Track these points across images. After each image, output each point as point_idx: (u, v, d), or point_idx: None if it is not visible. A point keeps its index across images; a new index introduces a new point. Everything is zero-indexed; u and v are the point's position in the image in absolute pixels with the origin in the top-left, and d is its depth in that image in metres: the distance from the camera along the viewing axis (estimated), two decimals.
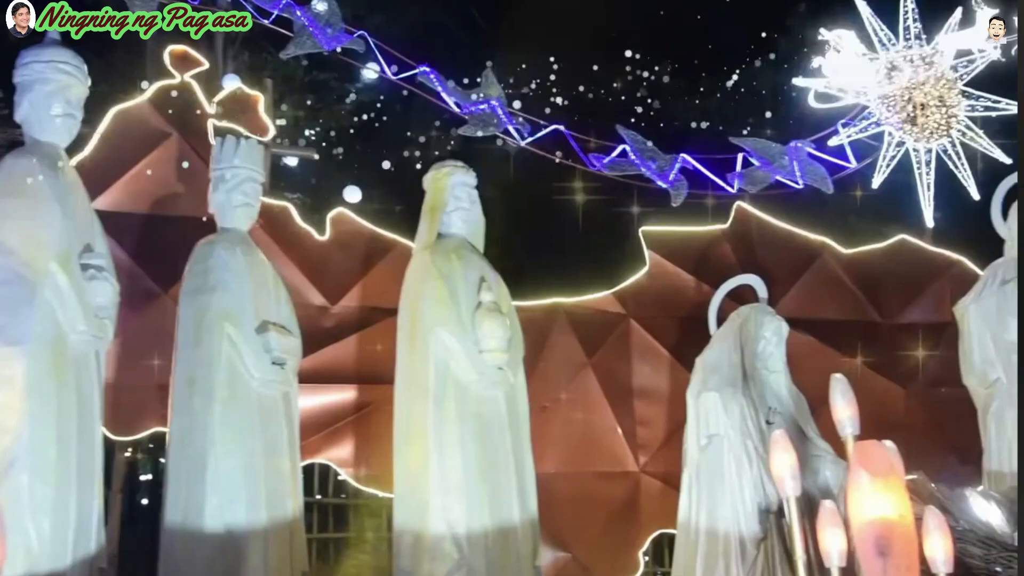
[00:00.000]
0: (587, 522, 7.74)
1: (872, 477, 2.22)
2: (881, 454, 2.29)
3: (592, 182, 8.72)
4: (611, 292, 8.23)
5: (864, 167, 8.91)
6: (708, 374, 6.70)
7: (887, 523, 2.16)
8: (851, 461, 2.40)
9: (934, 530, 3.56)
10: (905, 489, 2.40)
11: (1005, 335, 6.74)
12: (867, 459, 2.27)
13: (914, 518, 4.09)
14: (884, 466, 2.24)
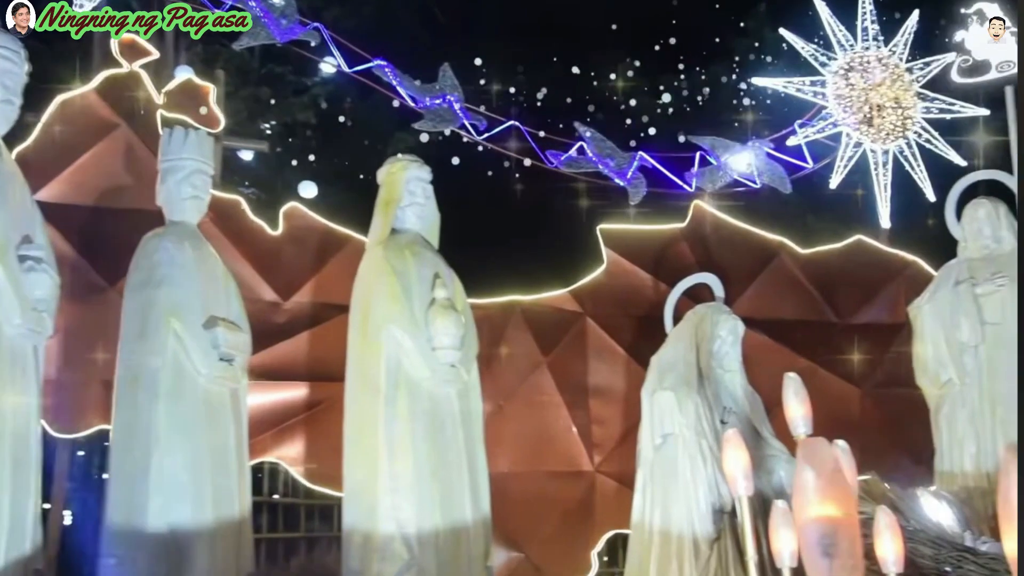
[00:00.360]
0: (541, 522, 7.67)
1: (818, 475, 2.15)
2: (827, 452, 2.23)
3: (550, 179, 8.66)
4: (568, 290, 8.18)
5: (822, 168, 8.94)
6: (663, 373, 6.62)
7: (832, 522, 2.10)
8: (797, 459, 2.34)
9: (885, 530, 3.52)
10: (850, 487, 2.34)
11: (958, 336, 6.77)
12: (813, 457, 2.20)
13: (865, 518, 4.07)
14: (830, 464, 2.18)
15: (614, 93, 10.70)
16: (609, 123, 8.76)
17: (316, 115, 10.79)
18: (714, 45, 11.45)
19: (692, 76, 11.28)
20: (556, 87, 9.49)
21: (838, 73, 8.81)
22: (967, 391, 6.73)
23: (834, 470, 2.16)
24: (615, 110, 10.51)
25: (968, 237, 7.05)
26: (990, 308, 6.72)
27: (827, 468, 2.16)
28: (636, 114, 10.23)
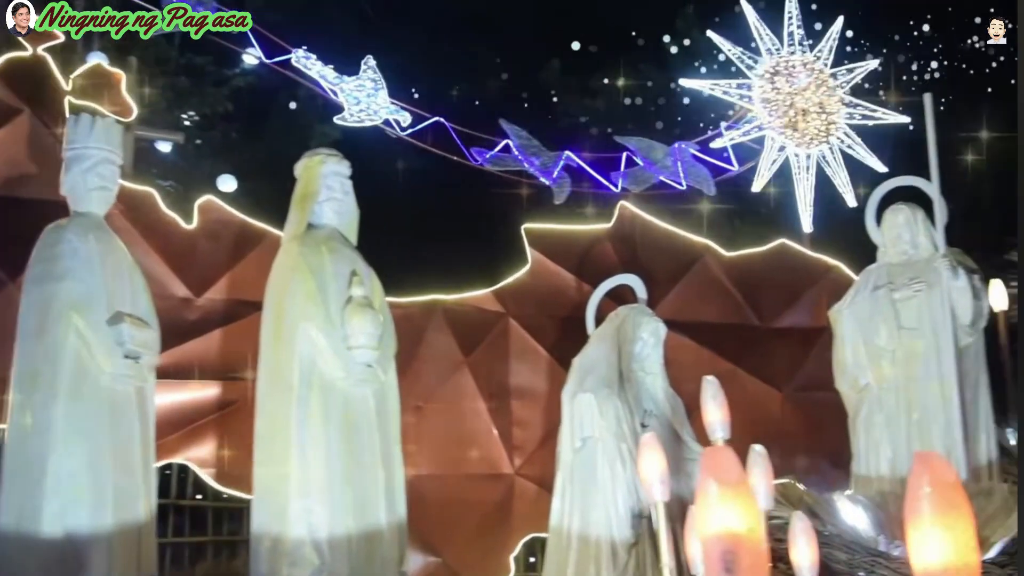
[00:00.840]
0: (458, 525, 7.55)
1: (720, 486, 2.05)
2: (731, 460, 2.13)
3: (474, 177, 8.53)
4: (490, 290, 8.08)
5: (747, 171, 8.96)
6: (584, 375, 6.55)
7: (735, 537, 2.00)
8: (700, 469, 2.24)
9: (800, 535, 3.45)
10: (755, 500, 2.25)
11: (876, 340, 6.80)
12: (716, 466, 2.10)
13: (781, 522, 4.01)
14: (733, 474, 2.08)
15: (542, 92, 10.62)
16: (536, 122, 8.66)
17: (237, 107, 10.52)
18: (644, 46, 11.44)
19: (621, 77, 11.23)
20: (483, 85, 9.37)
21: (764, 77, 8.84)
22: (884, 395, 6.77)
23: (738, 481, 2.05)
24: (543, 109, 10.43)
25: (887, 242, 7.09)
26: (907, 313, 6.77)
27: (730, 479, 2.06)
28: (564, 113, 10.16)
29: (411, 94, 8.21)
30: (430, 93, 8.51)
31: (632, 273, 7.61)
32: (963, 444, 6.49)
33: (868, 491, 6.60)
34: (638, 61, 11.26)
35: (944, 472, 2.02)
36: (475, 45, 10.22)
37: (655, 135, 8.89)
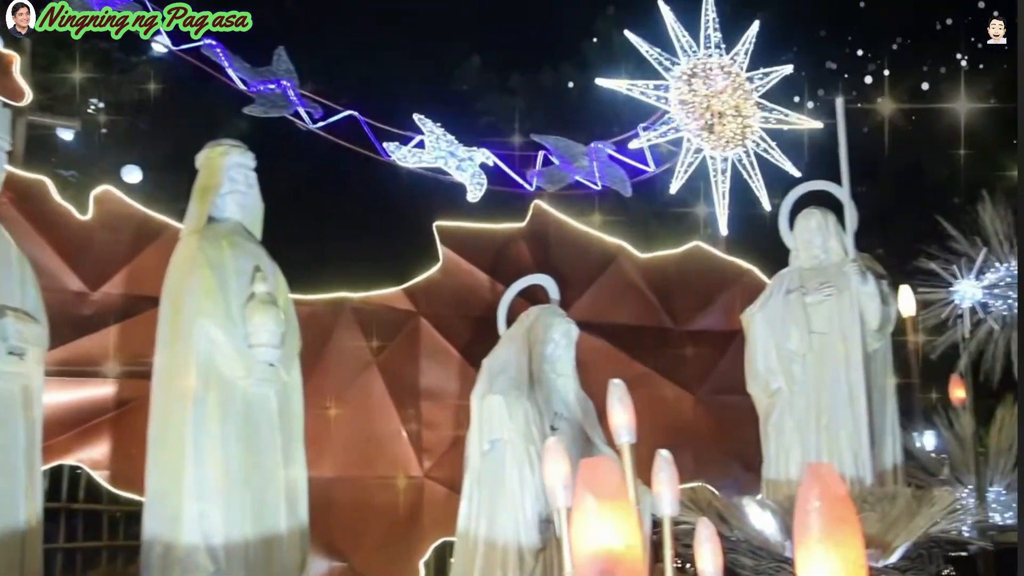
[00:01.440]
0: (366, 530, 7.36)
1: (598, 500, 1.93)
2: (611, 472, 2.01)
3: (387, 173, 8.35)
4: (401, 288, 7.91)
5: (664, 172, 8.93)
6: (493, 376, 6.42)
7: (612, 556, 1.88)
8: (579, 479, 2.12)
9: (705, 541, 3.38)
10: (635, 515, 2.13)
11: (787, 344, 6.81)
12: (594, 478, 1.98)
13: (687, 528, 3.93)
14: (612, 487, 1.96)
15: (460, 88, 10.48)
16: (452, 118, 8.50)
17: (144, 96, 10.16)
18: (564, 45, 11.38)
19: (540, 75, 11.16)
20: (400, 79, 9.19)
21: (681, 78, 8.82)
22: (795, 399, 6.78)
23: (617, 494, 1.93)
24: (460, 105, 10.28)
25: (799, 247, 7.11)
26: (818, 318, 6.79)
27: (609, 492, 1.94)
28: (481, 111, 10.04)
29: (324, 86, 7.98)
30: (344, 86, 8.28)
31: (546, 273, 7.51)
32: (870, 448, 6.52)
33: (778, 495, 6.57)
34: (558, 60, 11.20)
35: (834, 486, 1.93)
36: (393, 39, 10.02)
37: (573, 135, 8.78)
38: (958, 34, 10.70)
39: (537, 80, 11.21)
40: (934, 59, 10.52)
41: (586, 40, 11.23)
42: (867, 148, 10.41)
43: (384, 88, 8.81)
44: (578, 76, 10.21)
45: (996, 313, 8.11)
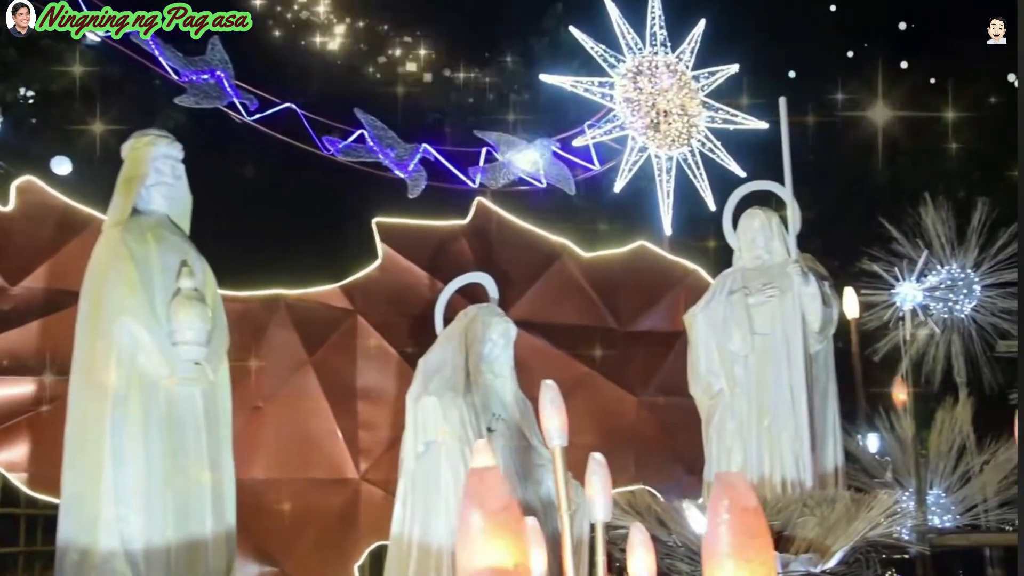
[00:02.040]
0: (299, 533, 7.16)
1: (485, 515, 1.78)
2: (498, 484, 1.86)
3: (325, 167, 8.13)
4: (338, 285, 7.72)
5: (609, 171, 8.83)
6: (429, 377, 6.27)
7: (500, 574, 1.73)
8: (465, 492, 1.97)
9: (638, 546, 3.28)
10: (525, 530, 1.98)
11: (729, 346, 6.72)
12: (481, 491, 1.83)
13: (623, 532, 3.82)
14: (500, 500, 1.81)
15: (404, 83, 10.29)
16: (395, 113, 8.34)
17: (75, 85, 9.84)
18: (511, 41, 11.23)
19: (485, 70, 11.00)
20: (341, 72, 8.96)
21: (627, 76, 8.72)
22: (736, 401, 6.69)
23: (505, 509, 1.79)
24: (403, 100, 10.08)
25: (743, 247, 7.03)
26: (760, 319, 6.71)
27: (497, 506, 1.79)
28: (425, 106, 9.87)
29: (261, 78, 7.75)
30: (282, 78, 8.05)
31: (488, 272, 7.37)
32: (811, 451, 6.46)
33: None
34: (504, 56, 11.05)
35: (744, 496, 1.80)
36: (336, 30, 9.80)
37: (518, 131, 8.65)
38: (910, 40, 10.74)
39: (484, 76, 11.06)
40: (883, 64, 10.53)
41: (534, 37, 11.11)
42: (814, 149, 10.40)
43: (324, 81, 8.58)
44: (524, 72, 10.07)
45: (937, 316, 8.11)
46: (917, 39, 10.84)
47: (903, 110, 10.47)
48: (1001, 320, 7.98)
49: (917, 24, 10.70)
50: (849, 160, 10.88)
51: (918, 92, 10.59)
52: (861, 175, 10.83)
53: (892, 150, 10.79)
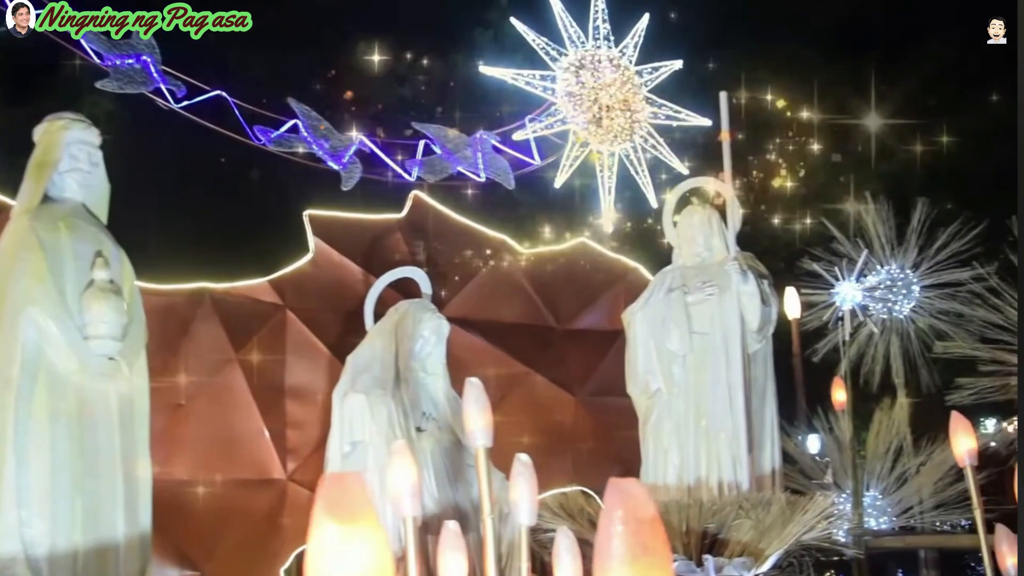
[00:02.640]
0: (221, 536, 6.93)
1: (341, 523, 1.61)
2: (355, 490, 1.69)
3: (255, 157, 7.88)
4: (267, 279, 7.56)
5: (550, 166, 8.68)
6: (357, 374, 6.07)
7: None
8: (316, 496, 1.79)
9: (564, 552, 3.17)
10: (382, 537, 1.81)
11: (668, 345, 6.58)
12: (335, 498, 1.66)
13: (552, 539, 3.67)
14: (356, 507, 1.64)
15: (342, 73, 10.03)
16: (332, 104, 8.10)
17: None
18: (455, 34, 11.02)
19: (427, 62, 10.78)
20: (278, 62, 8.69)
21: (569, 70, 8.57)
22: (674, 401, 6.56)
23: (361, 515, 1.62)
24: (340, 90, 9.83)
25: (683, 244, 6.90)
26: (699, 317, 6.58)
27: (353, 514, 1.61)
28: (363, 97, 9.61)
29: (190, 64, 7.46)
30: (212, 64, 7.76)
31: (424, 267, 7.20)
32: (748, 452, 6.34)
33: (656, 500, 6.37)
34: (447, 49, 10.85)
35: (641, 507, 1.63)
36: (275, 19, 9.50)
37: (459, 124, 8.46)
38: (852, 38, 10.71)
39: (426, 69, 10.84)
40: (826, 59, 10.50)
41: (479, 29, 10.91)
42: (756, 145, 10.34)
43: (256, 69, 8.31)
44: (466, 65, 9.87)
45: (876, 316, 8.07)
46: (858, 37, 10.83)
47: (843, 110, 10.45)
48: (939, 321, 7.97)
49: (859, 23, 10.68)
50: (793, 156, 10.83)
51: (860, 91, 10.58)
52: (806, 172, 10.78)
53: (834, 148, 10.77)
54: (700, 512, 5.71)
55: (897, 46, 10.53)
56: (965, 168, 10.27)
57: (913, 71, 10.46)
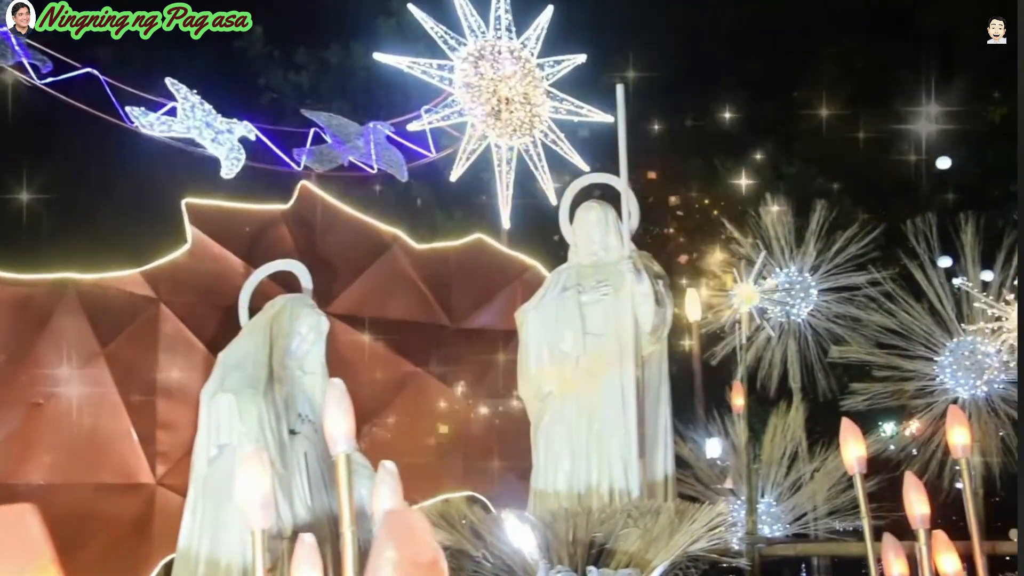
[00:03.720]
0: (82, 544, 6.46)
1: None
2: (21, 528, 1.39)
3: (129, 140, 7.41)
4: (139, 270, 7.11)
5: (447, 159, 8.38)
6: (228, 372, 5.74)
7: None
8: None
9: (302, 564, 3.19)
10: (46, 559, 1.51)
11: (560, 346, 6.34)
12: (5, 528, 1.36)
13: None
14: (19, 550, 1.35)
15: (235, 58, 9.60)
16: (221, 87, 7.66)
17: None
18: (355, 21, 10.67)
19: (328, 51, 10.42)
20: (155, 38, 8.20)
21: (467, 60, 8.28)
22: (566, 405, 6.31)
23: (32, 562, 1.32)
24: (230, 75, 9.38)
25: (579, 242, 6.68)
26: (593, 318, 6.36)
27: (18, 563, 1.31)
28: (251, 81, 9.21)
29: (64, 41, 6.96)
30: (87, 39, 7.24)
31: (311, 261, 6.86)
32: (639, 458, 6.13)
33: (545, 508, 6.13)
34: (349, 37, 10.50)
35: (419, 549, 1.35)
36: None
37: (356, 114, 8.10)
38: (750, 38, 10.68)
39: (325, 56, 10.46)
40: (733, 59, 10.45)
41: (380, 18, 10.57)
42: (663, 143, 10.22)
43: (134, 47, 7.80)
44: (368, 55, 9.50)
45: (774, 320, 7.97)
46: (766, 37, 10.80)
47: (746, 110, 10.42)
48: (836, 325, 7.91)
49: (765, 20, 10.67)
50: (696, 154, 10.74)
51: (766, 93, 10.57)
52: (708, 170, 10.70)
53: (735, 147, 10.71)
54: (588, 521, 5.48)
55: (805, 47, 10.52)
56: (866, 172, 10.31)
57: (816, 73, 10.47)
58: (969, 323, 7.19)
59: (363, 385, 7.01)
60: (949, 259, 7.73)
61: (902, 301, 7.32)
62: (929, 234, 7.39)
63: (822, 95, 10.55)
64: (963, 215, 7.34)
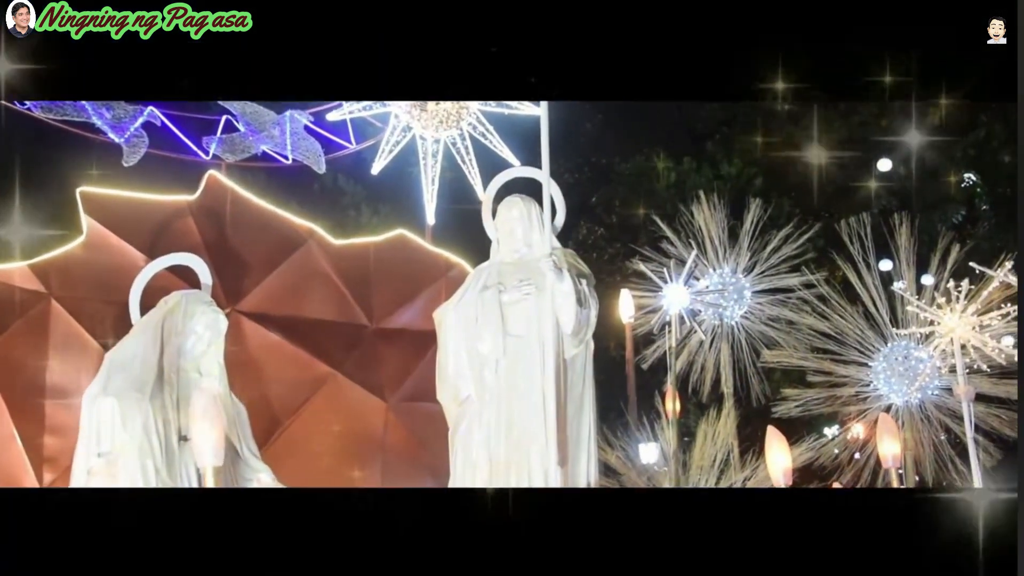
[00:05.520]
0: None
1: None
2: None
3: (18, 123, 6.99)
4: (27, 263, 6.78)
5: (368, 150, 8.07)
6: (113, 373, 5.37)
7: None
8: None
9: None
10: None
11: (480, 347, 6.03)
12: None
13: None
14: None
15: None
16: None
17: None
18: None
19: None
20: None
21: None
22: (485, 409, 6.01)
23: None
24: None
25: (501, 238, 6.38)
26: (514, 318, 6.06)
27: None
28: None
29: None
30: None
31: (221, 255, 6.51)
32: (559, 466, 5.84)
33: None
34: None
35: None
36: None
37: (268, 101, 7.73)
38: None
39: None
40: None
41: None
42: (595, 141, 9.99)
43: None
44: None
45: (707, 323, 7.74)
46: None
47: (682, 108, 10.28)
48: (770, 328, 7.72)
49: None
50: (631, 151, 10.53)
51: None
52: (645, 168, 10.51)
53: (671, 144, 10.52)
54: None
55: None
56: (801, 171, 10.19)
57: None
58: (903, 328, 7.03)
59: (277, 388, 6.65)
60: (889, 262, 7.59)
61: (836, 304, 7.15)
62: (864, 235, 7.22)
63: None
64: (898, 216, 7.20)
